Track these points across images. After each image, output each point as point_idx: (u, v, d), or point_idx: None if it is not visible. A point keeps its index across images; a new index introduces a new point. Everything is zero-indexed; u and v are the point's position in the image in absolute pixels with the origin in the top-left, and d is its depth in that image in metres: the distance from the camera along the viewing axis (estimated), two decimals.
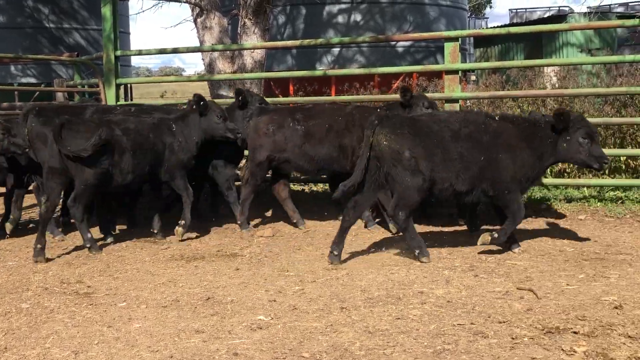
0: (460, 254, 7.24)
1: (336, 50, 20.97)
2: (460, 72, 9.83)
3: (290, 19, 21.50)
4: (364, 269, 6.74)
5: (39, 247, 7.48)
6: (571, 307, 5.35)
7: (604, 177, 10.09)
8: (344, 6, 21.15)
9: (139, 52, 12.86)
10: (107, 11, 11.29)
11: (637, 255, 7.00)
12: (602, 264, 6.68)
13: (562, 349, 4.49)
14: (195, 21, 13.56)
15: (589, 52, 23.03)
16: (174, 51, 11.82)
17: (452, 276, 6.39)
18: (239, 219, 8.82)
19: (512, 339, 4.72)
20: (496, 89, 12.42)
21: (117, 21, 11.47)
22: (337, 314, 5.37)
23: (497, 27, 28.40)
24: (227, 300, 5.85)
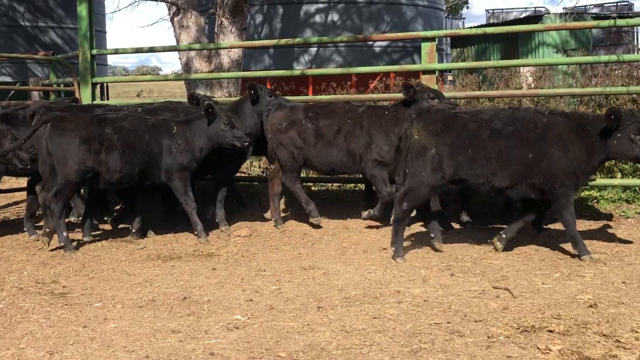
0: (436, 253, 7.26)
1: (313, 49, 20.94)
2: (437, 72, 9.86)
3: (267, 19, 21.46)
4: (341, 269, 6.75)
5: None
6: (547, 305, 5.39)
7: None
8: (321, 6, 21.13)
9: (116, 51, 12.78)
10: (83, 10, 11.21)
11: (611, 254, 7.06)
12: (578, 262, 6.74)
13: (538, 348, 4.52)
14: (172, 20, 13.51)
15: (564, 52, 23.25)
16: (151, 50, 11.75)
17: (428, 275, 6.41)
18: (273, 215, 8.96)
19: (488, 337, 4.74)
20: (472, 89, 12.52)
21: (93, 20, 11.38)
22: (314, 314, 5.37)
23: (474, 27, 28.59)
24: (203, 300, 5.83)
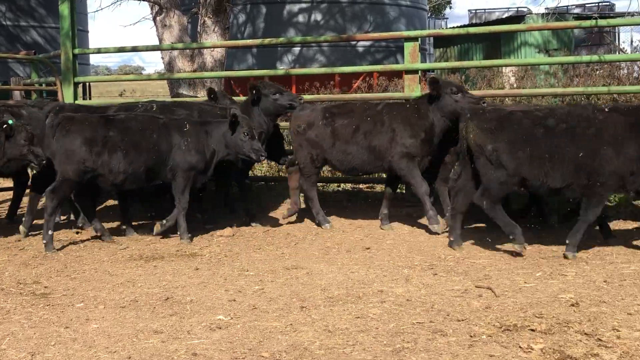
0: (419, 253, 7.28)
1: (297, 49, 20.96)
2: (420, 71, 9.89)
3: (250, 18, 21.46)
4: (324, 268, 6.75)
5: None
6: (529, 304, 5.41)
7: None
8: (304, 5, 21.15)
9: (98, 51, 12.72)
10: (65, 9, 11.15)
11: (593, 253, 7.11)
12: (560, 262, 6.77)
13: (520, 347, 4.54)
14: (154, 19, 13.45)
15: (546, 52, 23.35)
16: (134, 49, 11.72)
17: (411, 275, 6.42)
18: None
19: (471, 336, 4.75)
20: None
21: (75, 19, 11.34)
22: (297, 313, 5.37)
23: (457, 27, 28.66)
24: (186, 300, 5.81)
